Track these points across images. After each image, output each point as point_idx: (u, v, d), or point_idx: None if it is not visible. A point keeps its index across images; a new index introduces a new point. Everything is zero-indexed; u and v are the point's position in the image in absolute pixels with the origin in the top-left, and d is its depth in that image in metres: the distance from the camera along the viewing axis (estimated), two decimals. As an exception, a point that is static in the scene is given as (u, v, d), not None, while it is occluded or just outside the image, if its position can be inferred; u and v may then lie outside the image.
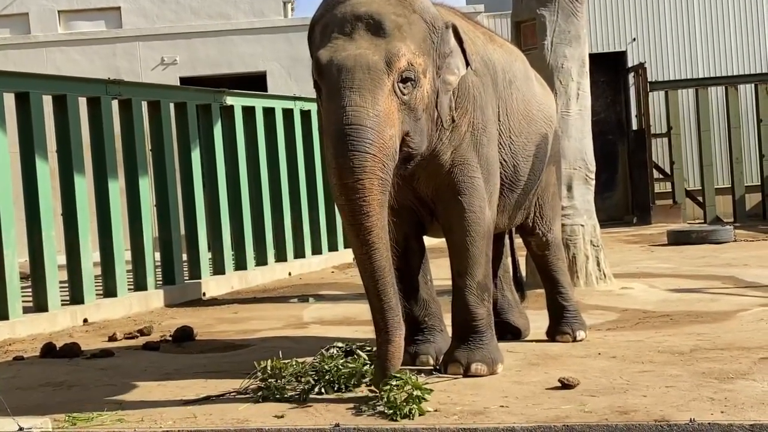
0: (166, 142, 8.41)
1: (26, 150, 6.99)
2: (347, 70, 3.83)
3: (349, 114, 3.78)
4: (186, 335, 6.00)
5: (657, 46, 15.46)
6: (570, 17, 7.41)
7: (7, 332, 6.44)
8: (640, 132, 14.88)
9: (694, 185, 14.80)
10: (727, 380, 4.06)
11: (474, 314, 4.41)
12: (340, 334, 5.50)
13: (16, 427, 3.53)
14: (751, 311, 6.00)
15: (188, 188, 8.66)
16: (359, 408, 3.82)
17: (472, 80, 4.40)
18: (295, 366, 4.21)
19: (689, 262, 8.99)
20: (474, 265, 4.39)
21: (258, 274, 9.41)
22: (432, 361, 4.57)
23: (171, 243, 8.33)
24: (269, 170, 9.84)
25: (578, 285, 7.11)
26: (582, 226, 7.37)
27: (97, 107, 7.69)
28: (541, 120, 5.02)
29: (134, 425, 3.75)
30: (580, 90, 7.45)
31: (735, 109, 14.12)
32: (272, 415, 3.81)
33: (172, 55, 14.72)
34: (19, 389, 4.63)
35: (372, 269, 3.85)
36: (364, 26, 3.91)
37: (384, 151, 3.81)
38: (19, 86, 7.03)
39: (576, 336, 5.21)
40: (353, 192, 3.77)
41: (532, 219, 5.25)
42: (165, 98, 8.58)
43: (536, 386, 4.11)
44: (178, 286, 8.30)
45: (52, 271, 6.96)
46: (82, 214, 7.34)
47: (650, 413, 3.55)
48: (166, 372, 4.88)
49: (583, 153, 7.47)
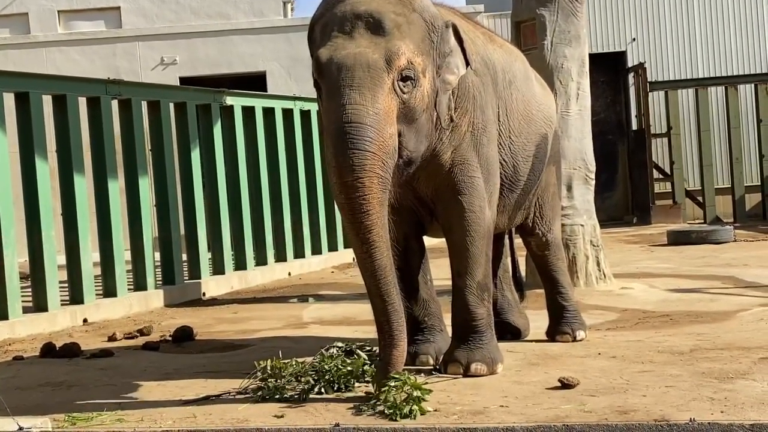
0: (166, 142, 8.41)
1: (26, 150, 6.99)
2: (347, 69, 3.83)
3: (349, 112, 3.78)
4: (186, 335, 6.00)
5: (657, 46, 15.46)
6: (570, 17, 7.41)
7: (7, 332, 6.44)
8: (640, 132, 14.88)
9: (694, 185, 14.80)
10: (727, 380, 4.06)
11: (474, 314, 4.40)
12: (340, 334, 5.50)
13: (16, 426, 3.53)
14: (751, 311, 6.00)
15: (188, 188, 8.66)
16: (359, 408, 3.82)
17: (472, 80, 4.40)
18: (295, 366, 4.21)
19: (689, 262, 8.99)
20: (474, 265, 4.39)
21: (258, 274, 9.41)
22: (432, 361, 4.57)
23: (171, 243, 8.33)
24: (269, 170, 9.83)
25: (578, 285, 7.11)
26: (582, 226, 7.37)
27: (97, 107, 7.69)
28: (540, 120, 5.02)
29: (134, 425, 3.75)
30: (580, 90, 7.45)
31: (735, 109, 14.12)
32: (272, 414, 3.81)
33: (172, 55, 14.72)
34: (19, 389, 4.63)
35: (373, 268, 3.85)
36: (364, 25, 3.92)
37: (384, 149, 3.82)
38: (18, 86, 7.03)
39: (576, 336, 5.21)
40: (353, 190, 3.77)
41: (531, 219, 5.25)
42: (165, 98, 8.58)
43: (536, 386, 4.11)
44: (177, 286, 8.30)
45: (51, 271, 6.96)
46: (82, 214, 7.34)
47: (650, 413, 3.55)
48: (165, 372, 4.88)
49: (583, 153, 7.47)
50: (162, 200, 8.39)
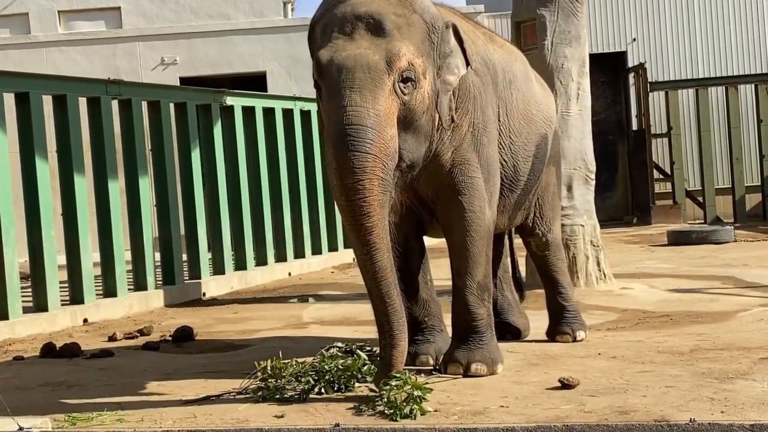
0: (166, 142, 8.41)
1: (26, 150, 6.99)
2: (348, 70, 3.83)
3: (349, 114, 3.79)
4: (186, 335, 6.00)
5: (657, 46, 15.46)
6: (570, 17, 7.41)
7: (7, 332, 6.44)
8: (641, 132, 14.88)
9: (694, 185, 14.80)
10: (727, 380, 4.06)
11: (474, 314, 4.40)
12: (340, 334, 5.50)
13: (16, 426, 3.53)
14: (751, 311, 6.00)
15: (188, 188, 8.66)
16: (359, 408, 3.82)
17: (473, 80, 4.40)
18: (295, 366, 4.21)
19: (689, 263, 8.99)
20: (474, 265, 4.39)
21: (258, 274, 9.41)
22: (432, 361, 4.57)
23: (171, 243, 8.34)
24: (269, 170, 9.83)
25: (578, 285, 7.11)
26: (582, 227, 7.36)
27: (97, 107, 7.69)
28: (540, 120, 5.02)
29: (134, 425, 3.75)
30: (580, 90, 7.45)
31: (735, 109, 14.12)
32: (272, 415, 3.81)
33: (172, 55, 14.72)
34: (19, 389, 4.63)
35: (374, 270, 3.85)
36: (365, 26, 3.92)
37: (385, 151, 3.82)
38: (19, 86, 7.03)
39: (576, 336, 5.21)
40: (354, 193, 3.77)
41: (531, 219, 5.25)
42: (165, 98, 8.58)
43: (536, 386, 4.11)
44: (178, 286, 8.30)
45: (52, 271, 6.96)
46: (82, 214, 7.34)
47: (650, 413, 3.55)
48: (165, 372, 4.88)
49: (583, 153, 7.47)
50: (162, 200, 8.39)
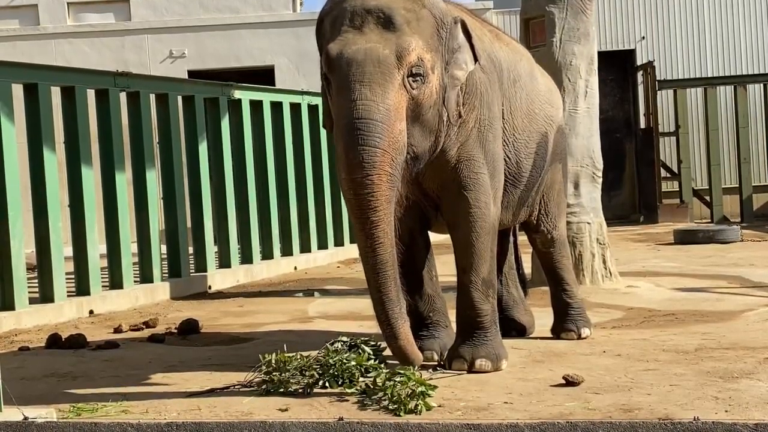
0: (174, 135, 8.42)
1: (34, 141, 7.00)
2: (357, 64, 3.84)
3: (359, 108, 3.79)
4: (191, 328, 6.01)
5: (666, 45, 15.43)
6: (579, 15, 7.39)
7: (13, 323, 6.46)
8: (648, 131, 14.85)
9: (702, 185, 14.77)
10: (731, 380, 4.06)
11: (478, 310, 4.41)
12: (345, 329, 5.51)
13: (21, 416, 3.54)
14: (757, 311, 6.00)
15: (195, 181, 8.66)
16: (363, 402, 3.83)
17: (480, 77, 4.40)
18: (300, 360, 4.22)
19: (695, 262, 8.98)
20: (479, 261, 4.39)
21: (264, 267, 9.42)
22: (436, 357, 4.57)
23: (177, 236, 8.34)
24: (276, 164, 9.83)
25: (584, 283, 7.10)
26: (588, 224, 7.35)
27: (105, 99, 7.70)
28: (543, 118, 5.02)
29: (138, 416, 3.76)
30: (588, 88, 7.43)
31: (744, 108, 14.09)
32: (276, 408, 3.82)
33: (181, 49, 14.72)
34: (24, 379, 4.64)
35: (375, 262, 3.86)
36: (374, 20, 3.92)
37: (394, 145, 3.83)
38: (27, 77, 7.04)
39: (581, 333, 5.21)
40: (362, 187, 3.78)
41: (536, 216, 5.24)
42: (173, 91, 8.58)
43: (540, 383, 4.11)
44: (183, 279, 8.31)
45: (58, 262, 6.97)
46: (89, 205, 7.36)
47: (654, 411, 3.55)
48: (170, 364, 4.89)
49: (591, 151, 7.46)
50: (169, 193, 8.39)
